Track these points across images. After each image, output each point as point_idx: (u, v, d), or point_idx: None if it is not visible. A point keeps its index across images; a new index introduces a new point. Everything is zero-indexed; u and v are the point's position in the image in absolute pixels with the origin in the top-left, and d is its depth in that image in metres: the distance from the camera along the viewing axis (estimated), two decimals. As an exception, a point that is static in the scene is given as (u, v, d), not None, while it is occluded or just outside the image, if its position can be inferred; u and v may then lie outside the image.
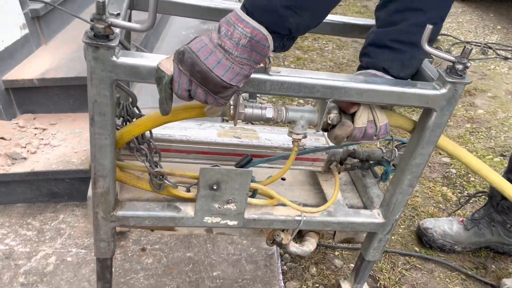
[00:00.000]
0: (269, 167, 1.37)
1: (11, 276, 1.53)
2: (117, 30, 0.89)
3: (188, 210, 1.16)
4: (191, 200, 1.18)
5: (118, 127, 1.10)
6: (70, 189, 1.83)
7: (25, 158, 1.80)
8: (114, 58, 0.87)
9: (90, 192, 1.20)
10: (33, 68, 2.12)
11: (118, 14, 1.06)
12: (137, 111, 1.12)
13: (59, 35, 2.49)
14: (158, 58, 0.90)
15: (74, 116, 2.11)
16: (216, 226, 1.19)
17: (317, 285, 1.60)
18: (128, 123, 1.12)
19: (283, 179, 1.44)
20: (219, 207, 1.15)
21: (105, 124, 0.96)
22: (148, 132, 1.13)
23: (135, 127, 1.05)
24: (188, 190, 1.19)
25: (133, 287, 1.51)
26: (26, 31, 2.20)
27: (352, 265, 1.69)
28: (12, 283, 1.51)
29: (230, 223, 1.19)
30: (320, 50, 3.63)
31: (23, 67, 2.13)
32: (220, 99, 0.86)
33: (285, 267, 1.67)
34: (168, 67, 0.85)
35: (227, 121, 2.39)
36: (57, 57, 2.23)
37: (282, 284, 1.55)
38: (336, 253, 1.75)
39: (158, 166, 1.13)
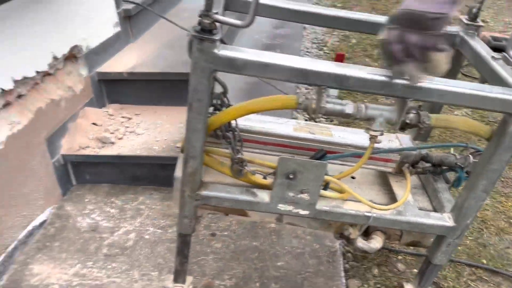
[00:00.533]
0: (341, 164, 1.42)
1: (96, 247, 1.70)
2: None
3: (264, 196, 1.25)
4: (267, 188, 1.27)
5: (209, 115, 1.21)
6: (150, 174, 1.99)
7: (113, 143, 1.98)
8: (216, 51, 0.98)
9: (177, 173, 1.33)
10: (122, 62, 2.32)
11: (216, 13, 1.18)
12: (226, 101, 1.22)
13: (146, 34, 2.70)
14: (253, 53, 1.00)
15: (155, 109, 2.29)
16: (289, 214, 1.26)
17: (378, 285, 1.62)
18: (217, 111, 1.22)
19: (353, 177, 1.48)
20: (293, 196, 1.22)
21: (201, 110, 1.08)
22: (234, 121, 1.24)
23: (224, 115, 1.16)
24: (265, 178, 1.28)
25: (203, 267, 1.62)
26: (118, 29, 2.42)
27: (415, 270, 1.69)
28: (97, 253, 1.68)
29: (302, 212, 1.25)
30: (390, 59, 3.61)
31: (113, 61, 2.34)
32: (437, 36, 0.90)
33: (347, 265, 1.71)
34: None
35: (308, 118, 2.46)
36: (144, 53, 2.42)
37: (344, 280, 1.59)
38: (399, 257, 1.76)
39: (240, 153, 1.23)
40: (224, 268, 1.62)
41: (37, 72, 1.75)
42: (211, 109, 1.24)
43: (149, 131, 2.09)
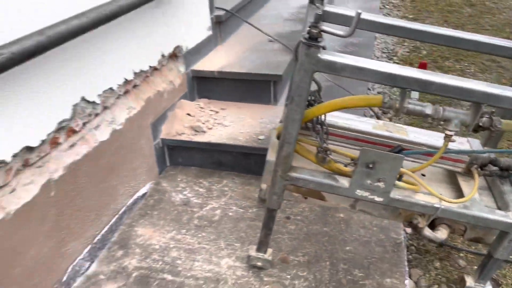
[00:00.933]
0: (412, 161, 1.59)
1: (188, 218, 1.99)
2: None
3: (344, 182, 1.45)
4: (346, 175, 1.46)
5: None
6: (234, 161, 2.25)
7: (204, 132, 2.27)
8: (319, 55, 1.20)
9: (269, 157, 1.56)
10: (212, 63, 2.62)
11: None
12: (319, 98, 1.44)
13: (232, 37, 3.00)
14: (350, 58, 1.21)
15: (239, 105, 2.55)
16: (365, 199, 1.45)
17: (439, 276, 1.76)
18: (311, 106, 1.44)
19: (423, 175, 1.64)
20: (370, 183, 1.41)
21: (300, 103, 1.30)
22: (323, 116, 1.45)
23: (318, 109, 1.38)
24: (345, 167, 1.48)
25: (279, 244, 1.84)
26: (210, 32, 2.72)
27: (476, 267, 1.80)
28: (189, 223, 1.96)
29: (377, 199, 1.44)
30: (461, 72, 3.65)
31: (205, 61, 2.64)
32: None
33: (410, 256, 1.86)
34: None
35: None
36: (231, 55, 2.71)
37: (407, 268, 1.74)
38: (461, 254, 1.88)
39: (325, 143, 1.44)
40: (298, 247, 1.83)
41: (150, 66, 2.08)
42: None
43: (234, 124, 2.36)
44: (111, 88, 1.79)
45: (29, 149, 1.40)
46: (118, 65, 1.82)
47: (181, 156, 2.30)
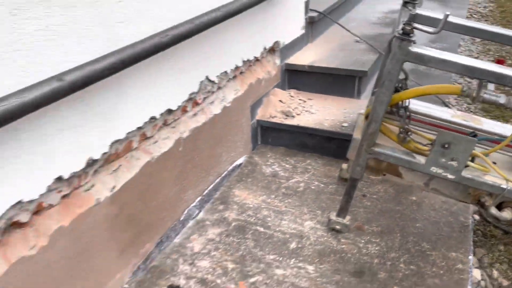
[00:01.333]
0: (485, 148, 1.79)
1: (276, 187, 2.32)
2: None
3: (421, 159, 1.69)
4: (423, 154, 1.71)
5: (389, 94, 1.69)
6: (317, 144, 2.55)
7: (293, 116, 2.60)
8: (410, 48, 1.47)
9: (355, 135, 1.85)
10: (303, 58, 2.94)
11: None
12: (405, 86, 1.70)
13: (321, 37, 3.30)
14: (436, 52, 1.46)
15: (325, 97, 2.85)
16: (438, 176, 1.68)
17: (502, 257, 1.92)
18: (397, 92, 1.71)
19: (494, 162, 1.83)
20: (444, 162, 1.64)
21: (389, 87, 1.57)
22: (407, 101, 1.71)
23: (404, 94, 1.64)
24: (423, 147, 1.72)
25: (355, 215, 2.11)
26: (303, 31, 3.05)
27: (540, 256, 1.94)
28: (277, 191, 2.29)
29: (450, 176, 1.67)
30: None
31: (297, 56, 2.98)
32: None
33: (476, 238, 2.04)
34: None
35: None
36: (319, 53, 3.02)
37: (472, 247, 1.94)
38: (526, 243, 2.03)
39: (407, 125, 1.70)
40: (372, 219, 2.09)
41: (254, 57, 2.45)
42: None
43: (319, 112, 2.66)
44: (225, 72, 2.18)
45: (169, 111, 1.81)
46: (233, 53, 2.21)
47: (271, 136, 2.65)
